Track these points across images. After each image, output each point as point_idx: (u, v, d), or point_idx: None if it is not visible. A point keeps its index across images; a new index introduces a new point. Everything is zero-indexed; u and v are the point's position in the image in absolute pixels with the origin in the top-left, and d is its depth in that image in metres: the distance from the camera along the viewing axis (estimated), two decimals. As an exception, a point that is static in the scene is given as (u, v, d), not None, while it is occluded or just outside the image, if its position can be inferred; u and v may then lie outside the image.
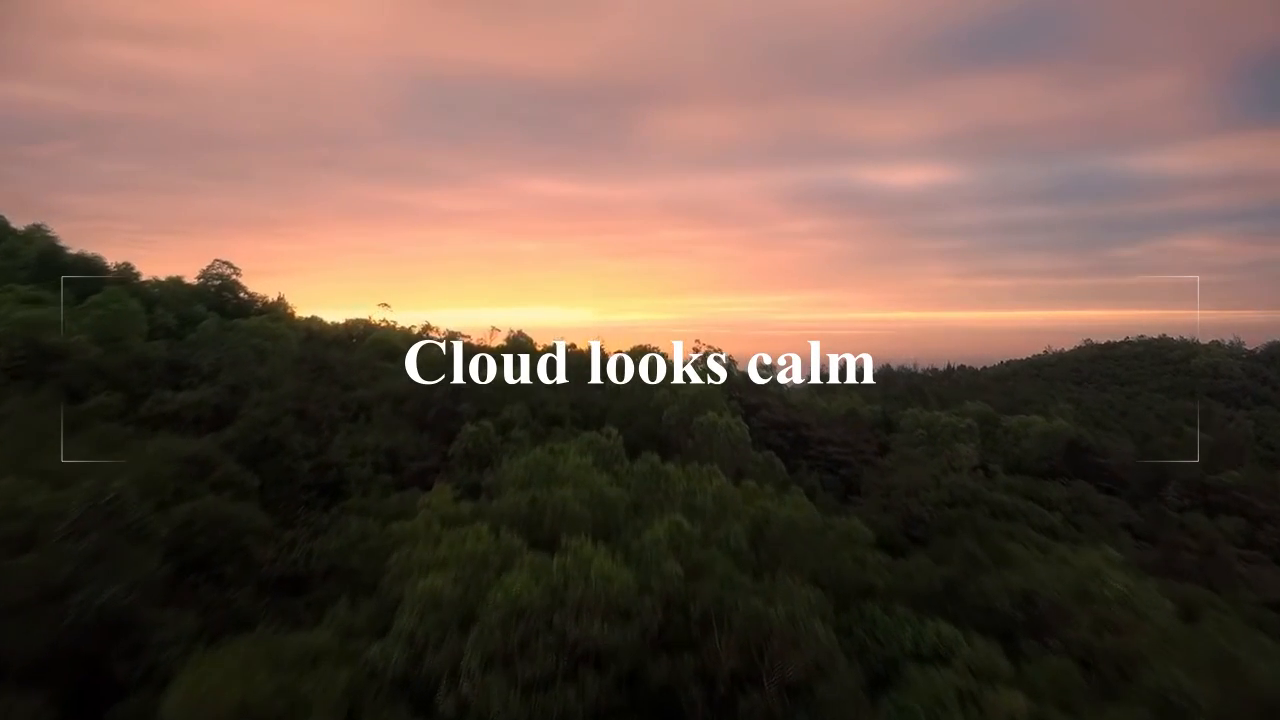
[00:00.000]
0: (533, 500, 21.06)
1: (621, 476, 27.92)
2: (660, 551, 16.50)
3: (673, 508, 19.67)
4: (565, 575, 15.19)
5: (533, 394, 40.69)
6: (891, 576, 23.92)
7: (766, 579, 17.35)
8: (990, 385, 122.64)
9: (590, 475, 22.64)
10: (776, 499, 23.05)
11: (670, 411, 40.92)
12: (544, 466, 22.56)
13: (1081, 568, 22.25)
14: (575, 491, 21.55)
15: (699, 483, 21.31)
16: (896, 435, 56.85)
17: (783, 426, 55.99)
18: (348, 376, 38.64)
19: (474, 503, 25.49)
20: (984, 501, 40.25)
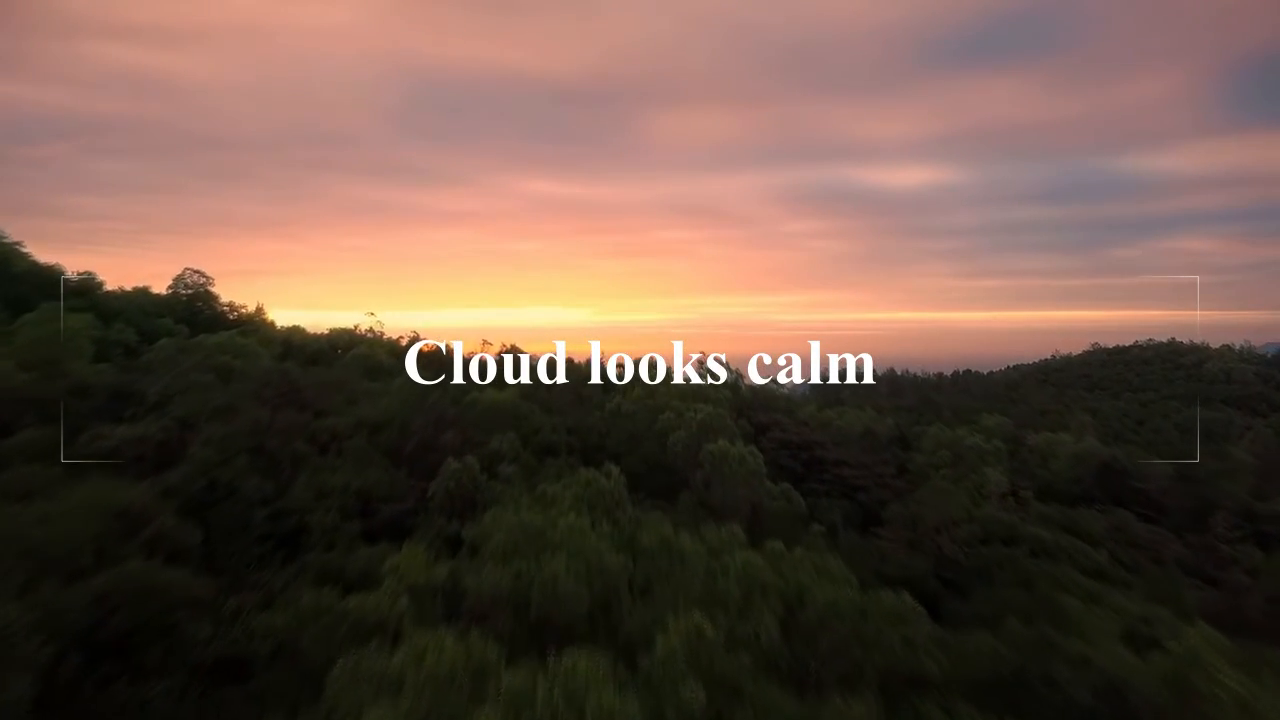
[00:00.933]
0: (517, 576, 17.43)
1: (623, 527, 24.31)
2: (676, 670, 12.85)
3: (689, 592, 16.04)
4: (553, 713, 11.58)
5: (525, 420, 36.98)
6: (946, 659, 20.35)
7: (811, 698, 13.75)
8: (1001, 393, 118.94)
9: (586, 539, 19.00)
10: (808, 566, 19.40)
11: (676, 438, 37.23)
12: (532, 531, 18.86)
13: (1179, 654, 18.67)
14: (569, 563, 17.91)
15: (719, 558, 17.59)
16: (916, 455, 53.13)
17: (795, 447, 52.35)
18: (320, 400, 34.90)
19: (452, 562, 21.95)
20: (1023, 538, 36.63)
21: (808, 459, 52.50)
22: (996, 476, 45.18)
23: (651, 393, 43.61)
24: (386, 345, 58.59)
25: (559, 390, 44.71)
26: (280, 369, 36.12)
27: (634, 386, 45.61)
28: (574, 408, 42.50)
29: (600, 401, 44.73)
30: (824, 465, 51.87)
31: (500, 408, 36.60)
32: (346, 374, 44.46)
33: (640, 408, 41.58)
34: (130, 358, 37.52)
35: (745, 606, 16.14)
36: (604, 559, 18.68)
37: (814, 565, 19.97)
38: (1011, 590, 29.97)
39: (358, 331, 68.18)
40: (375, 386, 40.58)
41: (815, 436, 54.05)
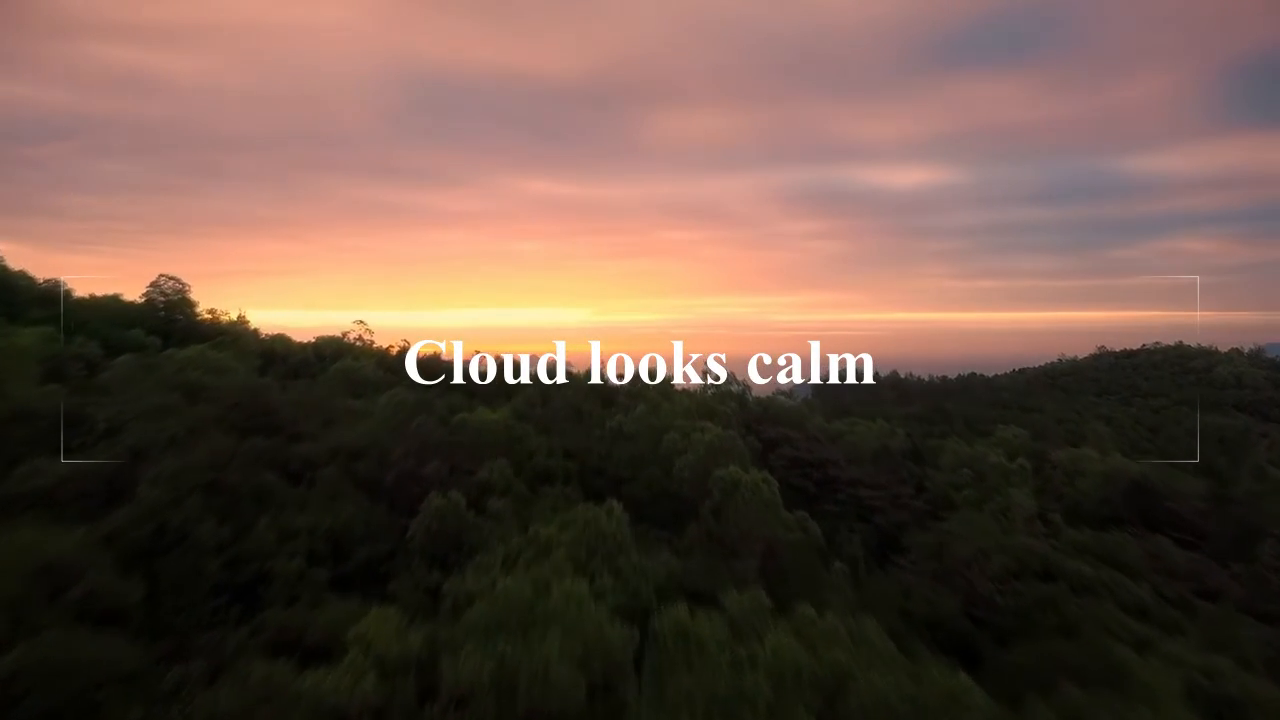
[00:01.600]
0: (501, 663, 14.57)
1: (628, 579, 21.40)
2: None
3: (710, 689, 13.17)
4: None
5: (519, 443, 34.06)
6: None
7: None
8: (1012, 400, 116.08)
9: (584, 610, 16.12)
10: (845, 639, 16.53)
11: (683, 463, 34.32)
12: (520, 603, 15.93)
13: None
14: (563, 642, 15.03)
15: (745, 643, 14.65)
16: (935, 474, 50.21)
17: (806, 465, 49.49)
18: (295, 423, 31.99)
19: (429, 625, 19.03)
20: (1060, 572, 33.78)
21: (820, 478, 49.66)
22: (1023, 499, 42.29)
23: (655, 409, 40.69)
24: (375, 355, 55.64)
25: (556, 407, 41.81)
26: (252, 388, 33.20)
27: (637, 402, 42.70)
28: (572, 427, 39.58)
29: (600, 419, 41.82)
30: (838, 485, 49.03)
31: (492, 429, 33.67)
32: (329, 389, 41.53)
33: (643, 427, 38.66)
34: (93, 376, 34.59)
35: (777, 705, 13.29)
36: (605, 633, 15.79)
37: (851, 635, 17.11)
38: (1056, 640, 27.10)
39: (346, 339, 65.33)
40: (358, 405, 37.65)
41: (827, 453, 51.18)
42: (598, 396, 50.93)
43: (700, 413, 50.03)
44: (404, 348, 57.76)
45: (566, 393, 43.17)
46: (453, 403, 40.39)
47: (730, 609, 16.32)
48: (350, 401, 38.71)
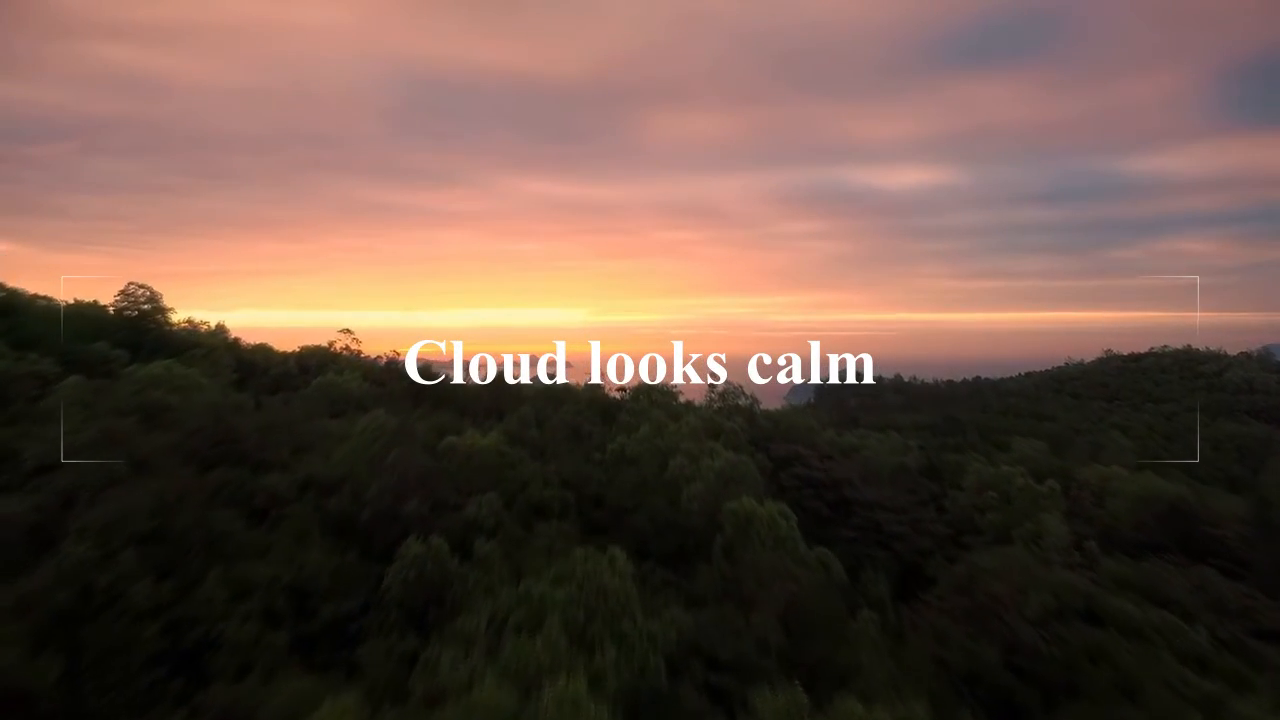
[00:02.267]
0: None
1: (635, 650, 18.34)
2: None
3: None
4: None
5: (511, 471, 31.02)
6: None
7: None
8: (1024, 407, 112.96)
9: (584, 713, 13.11)
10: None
11: (692, 493, 31.25)
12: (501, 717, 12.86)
13: None
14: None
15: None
16: (958, 496, 47.10)
17: (821, 485, 46.45)
18: (263, 451, 28.90)
19: (398, 710, 16.01)
20: (1107, 614, 30.74)
21: (835, 500, 46.60)
22: (1056, 526, 39.21)
23: (660, 430, 37.62)
24: (362, 367, 52.55)
25: (553, 426, 38.72)
26: (215, 411, 30.11)
27: (640, 421, 39.65)
28: (570, 449, 36.51)
29: (601, 440, 38.76)
30: (854, 508, 45.95)
31: (482, 457, 30.62)
32: (307, 408, 38.45)
33: (647, 449, 35.61)
34: (43, 399, 31.48)
35: None
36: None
37: None
38: (1115, 701, 24.10)
39: (333, 349, 62.28)
40: (337, 427, 34.57)
41: (842, 472, 48.11)
42: (598, 411, 47.91)
43: (708, 429, 47.04)
44: (392, 358, 54.70)
45: (565, 412, 40.05)
46: (441, 423, 37.33)
47: (763, 714, 13.27)
48: (329, 422, 35.63)
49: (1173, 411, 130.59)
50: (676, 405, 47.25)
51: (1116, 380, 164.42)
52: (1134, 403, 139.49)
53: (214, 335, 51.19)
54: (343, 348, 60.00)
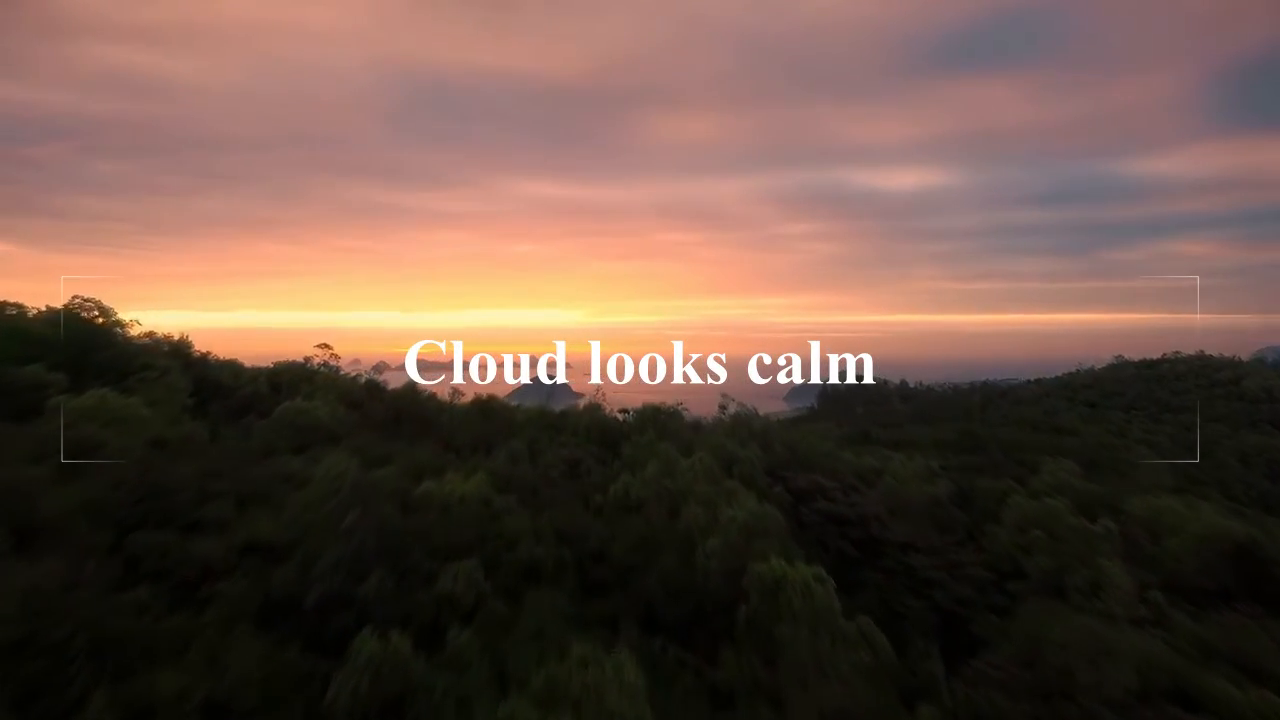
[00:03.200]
0: None
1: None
2: None
3: None
4: None
5: (496, 524, 26.39)
6: None
7: None
8: (1040, 420, 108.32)
9: None
10: None
11: (710, 550, 26.61)
12: None
13: None
14: None
15: None
16: (999, 532, 42.42)
17: (846, 522, 41.87)
18: (200, 507, 24.26)
19: None
20: (1200, 694, 26.20)
21: (862, 538, 41.97)
22: (1118, 575, 34.67)
23: (669, 467, 33.00)
24: (339, 387, 47.84)
25: (547, 464, 34.06)
26: (145, 457, 25.46)
27: (646, 454, 35.06)
28: (565, 493, 31.87)
29: (601, 478, 34.15)
30: (884, 548, 41.40)
31: (462, 508, 25.98)
32: (266, 441, 33.83)
33: (656, 492, 30.99)
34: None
35: None
36: None
37: None
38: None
39: (314, 363, 57.64)
40: (301, 466, 29.89)
41: (868, 506, 43.52)
42: (599, 436, 43.29)
43: (721, 457, 42.48)
44: (372, 377, 49.99)
45: (562, 442, 35.37)
46: (419, 461, 32.67)
47: None
48: (292, 460, 30.98)
49: (1192, 423, 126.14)
50: (686, 433, 42.66)
51: (1131, 388, 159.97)
52: (1151, 412, 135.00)
53: (173, 351, 46.48)
54: (320, 362, 55.37)
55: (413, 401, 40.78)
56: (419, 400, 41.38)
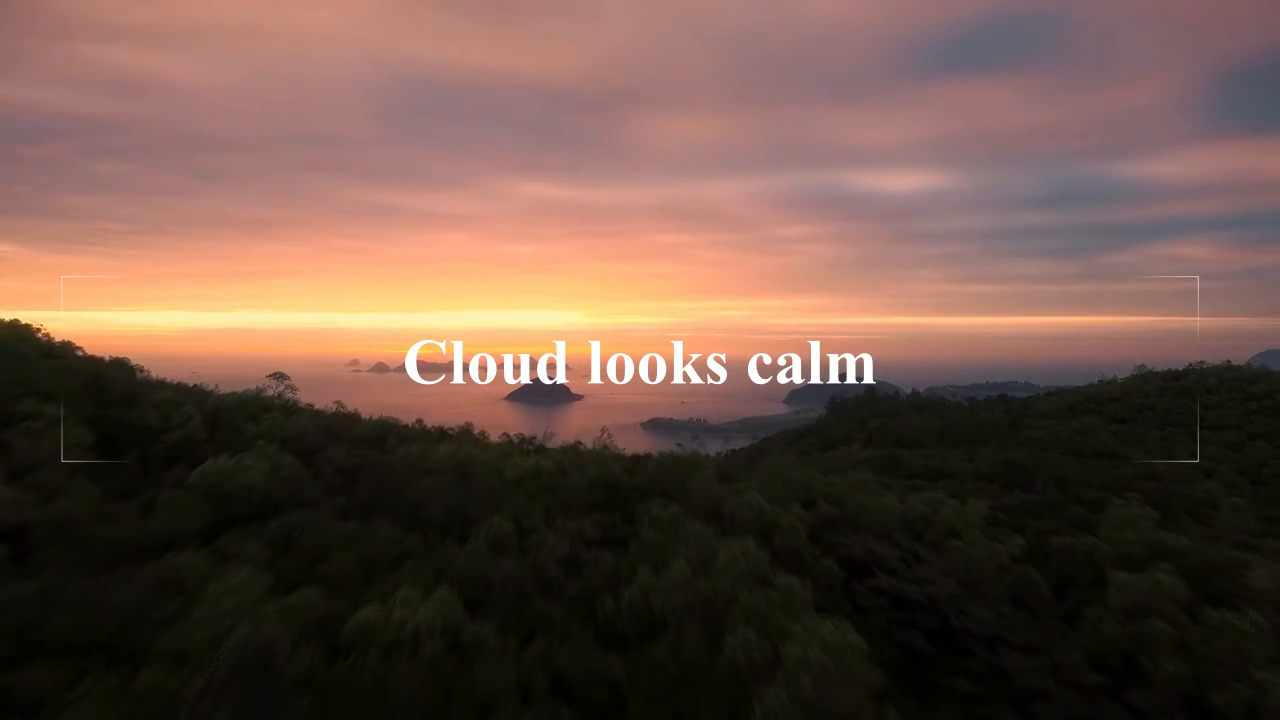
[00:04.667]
0: None
1: None
2: None
3: None
4: None
5: (461, 687, 18.23)
6: None
7: None
8: (1083, 444, 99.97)
9: None
10: None
11: (773, 705, 18.50)
12: None
13: None
14: None
15: None
16: (1103, 619, 34.16)
17: (914, 606, 33.75)
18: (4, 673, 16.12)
19: None
20: None
21: (935, 629, 33.86)
22: None
23: (702, 561, 24.86)
24: (292, 430, 39.60)
25: (539, 554, 25.79)
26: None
27: (670, 538, 26.91)
28: (564, 601, 23.65)
29: (612, 572, 25.93)
30: (963, 641, 33.24)
31: (406, 673, 17.82)
32: (174, 518, 25.64)
33: (687, 603, 22.84)
34: None
35: None
36: None
37: None
38: None
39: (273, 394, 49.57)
40: (178, 608, 21.49)
41: (939, 584, 35.26)
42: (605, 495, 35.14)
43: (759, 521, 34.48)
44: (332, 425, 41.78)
45: (551, 537, 27.03)
46: (370, 553, 24.48)
47: None
48: (190, 563, 22.73)
49: (1236, 441, 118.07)
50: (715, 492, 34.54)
51: (1159, 401, 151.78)
52: (1188, 429, 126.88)
53: (89, 382, 38.26)
54: (278, 393, 47.30)
55: (375, 458, 32.56)
56: (383, 458, 33.16)
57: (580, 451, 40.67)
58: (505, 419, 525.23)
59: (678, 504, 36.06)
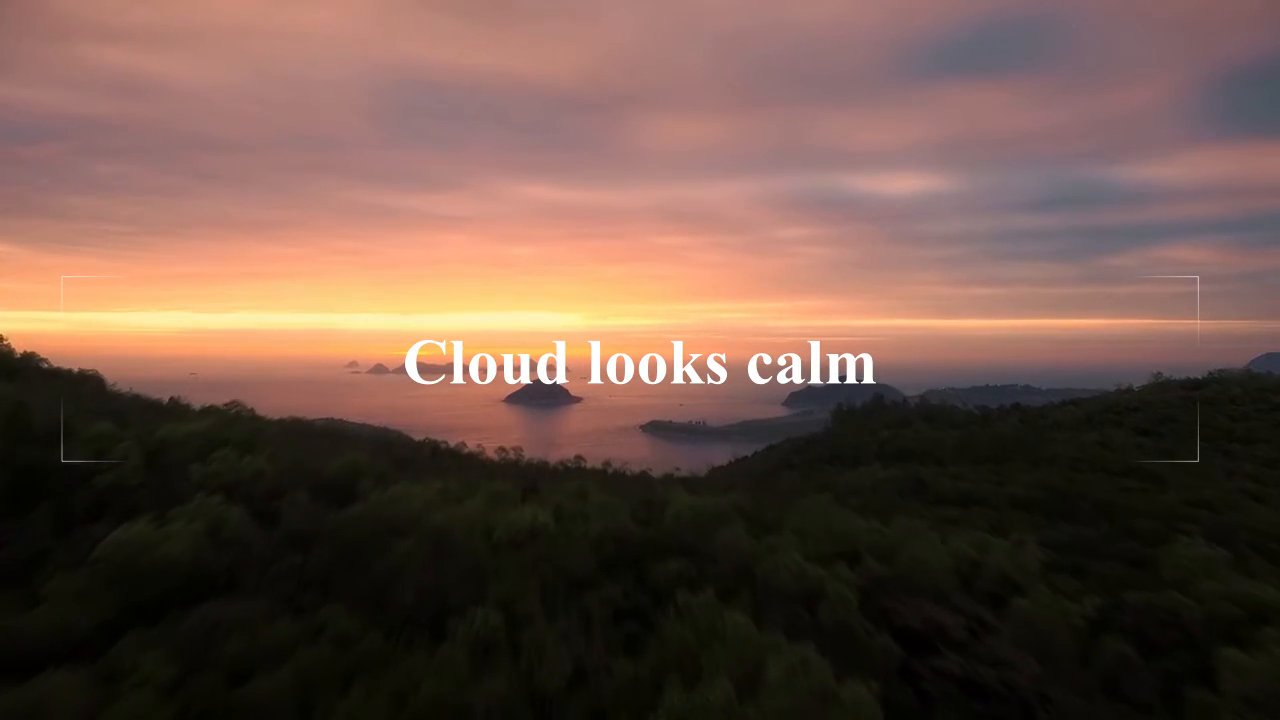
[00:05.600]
0: None
1: None
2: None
3: None
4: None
5: None
6: None
7: None
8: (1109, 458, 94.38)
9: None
10: None
11: None
12: None
13: None
14: None
15: None
16: (1214, 707, 28.50)
17: (991, 696, 27.93)
18: None
19: None
20: None
21: None
22: None
23: (748, 675, 19.13)
24: (247, 474, 33.77)
25: (536, 660, 20.05)
26: None
27: (704, 638, 21.16)
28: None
29: (633, 678, 20.15)
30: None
31: None
32: (64, 613, 19.87)
33: None
34: None
35: None
36: None
37: None
38: None
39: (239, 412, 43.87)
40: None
41: (1016, 663, 29.43)
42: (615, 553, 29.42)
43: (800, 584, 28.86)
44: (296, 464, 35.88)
45: (550, 634, 21.22)
46: (310, 670, 18.64)
47: None
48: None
49: (1270, 456, 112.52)
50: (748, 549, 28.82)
51: (1182, 412, 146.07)
52: (1220, 445, 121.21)
53: (10, 414, 32.49)
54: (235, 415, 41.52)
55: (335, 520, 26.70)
56: (348, 513, 27.27)
57: (583, 493, 34.88)
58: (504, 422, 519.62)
59: (700, 562, 30.50)
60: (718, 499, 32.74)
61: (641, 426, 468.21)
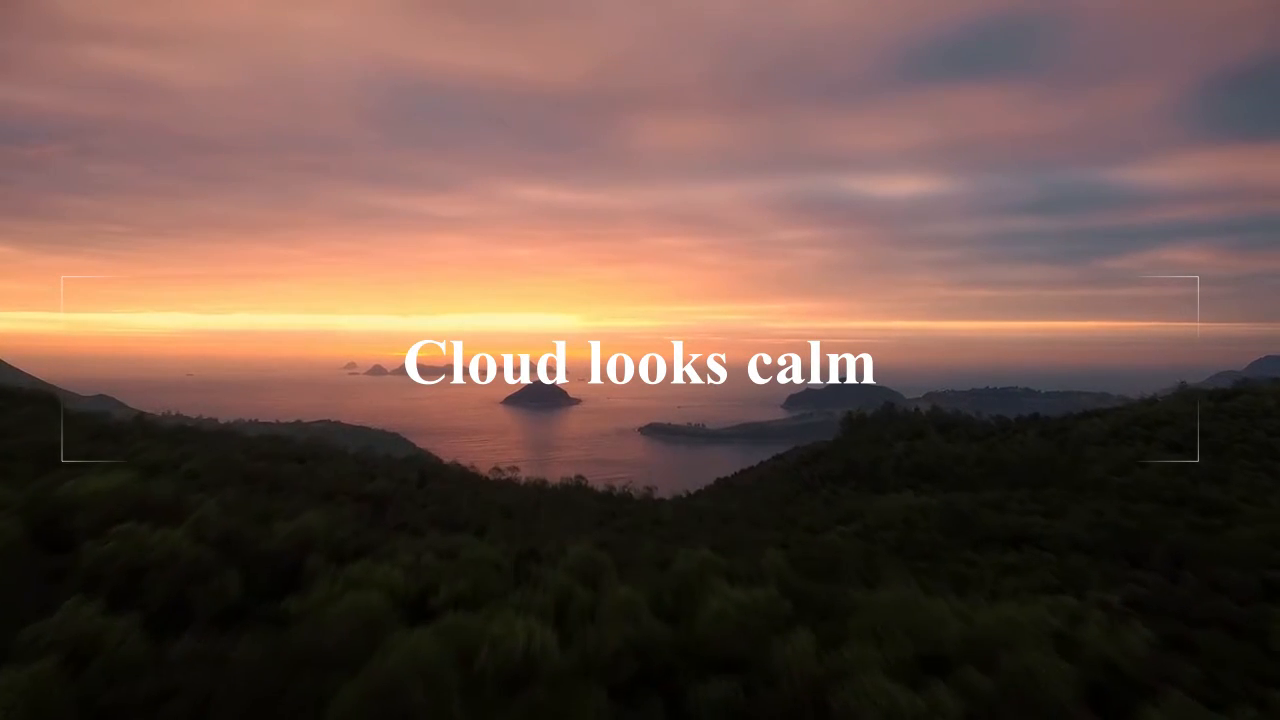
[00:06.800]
0: None
1: None
2: None
3: None
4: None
5: None
6: None
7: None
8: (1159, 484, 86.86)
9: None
10: None
11: None
12: None
13: None
14: None
15: None
16: None
17: None
18: None
19: None
20: None
21: None
22: None
23: None
24: (157, 549, 26.06)
25: None
26: None
27: None
28: None
29: None
30: None
31: None
32: None
33: None
34: None
35: None
36: None
37: None
38: None
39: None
40: None
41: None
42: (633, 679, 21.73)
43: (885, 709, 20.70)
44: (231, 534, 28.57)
45: None
46: None
47: None
48: None
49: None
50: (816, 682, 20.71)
51: (1215, 426, 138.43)
52: (1263, 462, 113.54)
53: None
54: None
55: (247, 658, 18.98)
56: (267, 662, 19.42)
57: (594, 577, 26.63)
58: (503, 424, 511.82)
59: (749, 679, 22.80)
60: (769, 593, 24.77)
61: (641, 429, 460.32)
